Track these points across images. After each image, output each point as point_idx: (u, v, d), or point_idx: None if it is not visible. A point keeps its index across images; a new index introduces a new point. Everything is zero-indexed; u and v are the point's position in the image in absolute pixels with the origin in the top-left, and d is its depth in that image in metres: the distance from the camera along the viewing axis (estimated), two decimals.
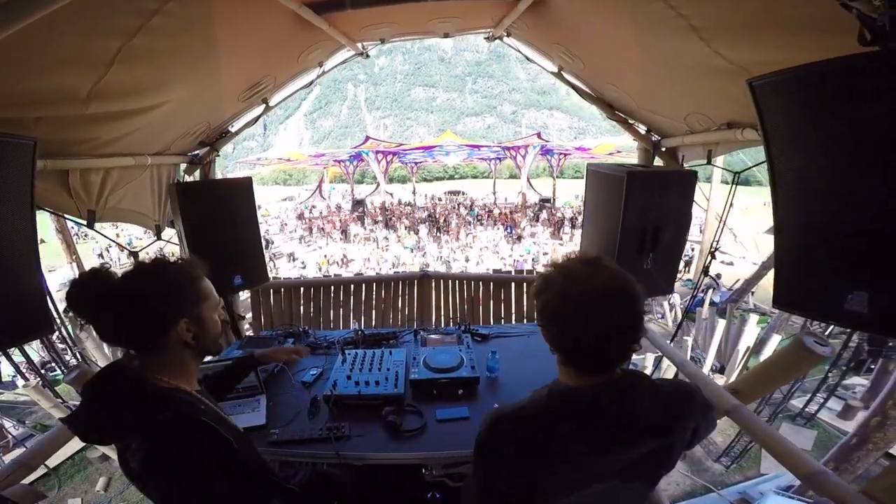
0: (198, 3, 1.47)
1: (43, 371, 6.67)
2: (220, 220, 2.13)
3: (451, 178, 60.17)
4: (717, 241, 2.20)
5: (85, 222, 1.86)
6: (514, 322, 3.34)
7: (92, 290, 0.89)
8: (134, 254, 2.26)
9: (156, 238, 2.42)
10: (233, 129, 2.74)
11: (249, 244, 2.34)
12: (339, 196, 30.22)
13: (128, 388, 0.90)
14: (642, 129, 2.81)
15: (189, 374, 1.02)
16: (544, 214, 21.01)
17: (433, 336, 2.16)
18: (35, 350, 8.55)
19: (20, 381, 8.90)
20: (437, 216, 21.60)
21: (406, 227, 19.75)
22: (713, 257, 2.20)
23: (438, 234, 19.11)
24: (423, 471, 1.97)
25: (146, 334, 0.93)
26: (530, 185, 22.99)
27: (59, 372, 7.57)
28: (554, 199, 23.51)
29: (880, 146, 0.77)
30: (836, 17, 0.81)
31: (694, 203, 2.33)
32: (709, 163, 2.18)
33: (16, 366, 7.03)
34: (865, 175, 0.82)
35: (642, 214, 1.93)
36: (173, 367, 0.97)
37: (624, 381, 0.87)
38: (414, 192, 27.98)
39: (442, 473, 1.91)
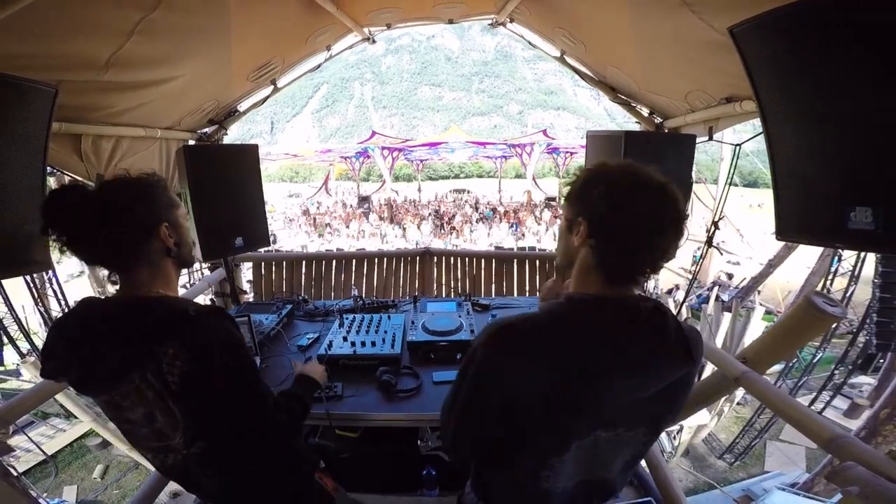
0: None
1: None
2: (225, 184, 2.17)
3: (457, 176, 60.08)
4: (721, 212, 2.23)
5: (92, 184, 1.93)
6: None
7: (71, 200, 0.84)
8: None
9: None
10: (241, 109, 2.81)
11: (253, 208, 2.39)
12: (343, 193, 30.31)
13: (126, 307, 0.88)
14: (645, 111, 2.84)
15: (175, 288, 1.00)
16: (548, 214, 20.97)
17: (432, 302, 2.18)
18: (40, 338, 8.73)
19: (24, 370, 9.08)
20: (443, 214, 21.65)
21: (413, 223, 19.82)
22: (717, 228, 2.24)
23: (443, 231, 19.15)
24: (419, 442, 2.00)
25: (131, 243, 0.89)
26: (536, 184, 22.93)
27: None
28: (559, 199, 23.45)
29: (857, 72, 0.83)
30: None
31: (698, 201, 2.38)
32: (710, 139, 2.21)
33: (20, 353, 7.16)
34: (850, 100, 0.86)
35: None
36: (160, 279, 0.95)
37: (649, 298, 0.81)
38: (419, 190, 28.03)
39: (438, 445, 1.94)
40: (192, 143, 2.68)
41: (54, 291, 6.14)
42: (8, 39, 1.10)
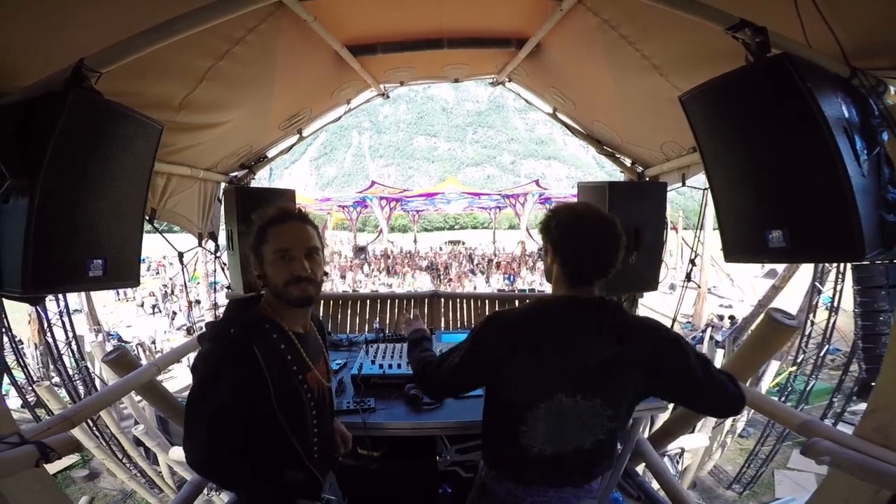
0: (270, 37, 1.82)
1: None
2: None
3: (452, 227, 61.15)
4: (696, 250, 2.48)
5: (147, 217, 2.14)
6: None
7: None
8: (181, 254, 2.53)
9: (197, 245, 2.71)
10: (269, 155, 3.10)
11: None
12: (339, 243, 30.53)
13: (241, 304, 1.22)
14: (628, 161, 3.14)
15: (285, 316, 1.15)
16: (541, 264, 21.24)
17: (446, 334, 2.39)
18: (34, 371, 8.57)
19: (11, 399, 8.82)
20: (439, 265, 21.91)
21: (410, 275, 19.98)
22: (693, 264, 2.47)
23: (439, 282, 19.28)
24: (437, 458, 2.09)
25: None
26: (529, 234, 23.47)
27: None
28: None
29: (763, 131, 1.16)
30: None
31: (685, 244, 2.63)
32: (683, 184, 2.50)
33: (16, 385, 7.02)
34: (760, 151, 1.18)
35: (623, 218, 2.21)
36: (271, 301, 1.16)
37: (600, 298, 1.15)
38: (415, 241, 28.44)
39: (456, 459, 2.04)
40: (223, 185, 2.93)
41: (63, 323, 6.18)
42: (117, 78, 1.26)
